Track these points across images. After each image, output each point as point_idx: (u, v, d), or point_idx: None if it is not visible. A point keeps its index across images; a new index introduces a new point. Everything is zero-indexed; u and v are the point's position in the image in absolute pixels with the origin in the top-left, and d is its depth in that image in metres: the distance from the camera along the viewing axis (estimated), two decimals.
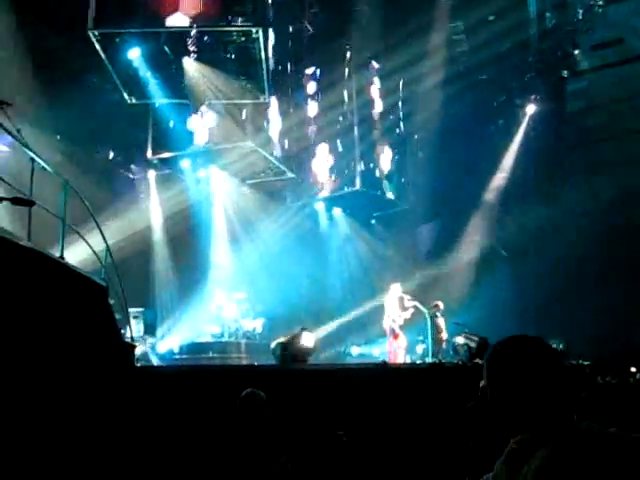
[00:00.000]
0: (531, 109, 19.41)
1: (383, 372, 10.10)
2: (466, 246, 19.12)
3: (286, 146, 18.92)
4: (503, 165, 19.60)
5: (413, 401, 8.72)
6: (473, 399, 7.07)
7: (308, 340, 10.67)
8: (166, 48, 15.09)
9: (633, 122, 17.57)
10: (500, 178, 19.60)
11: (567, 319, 15.48)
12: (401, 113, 20.54)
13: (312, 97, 19.34)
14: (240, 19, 14.25)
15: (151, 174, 18.41)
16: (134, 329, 12.50)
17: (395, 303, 13.64)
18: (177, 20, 14.14)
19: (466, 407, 7.36)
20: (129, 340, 10.63)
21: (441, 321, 14.03)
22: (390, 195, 19.74)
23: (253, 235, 18.90)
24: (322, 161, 19.42)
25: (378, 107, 19.70)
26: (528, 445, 1.84)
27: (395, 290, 13.84)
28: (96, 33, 13.95)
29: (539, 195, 18.55)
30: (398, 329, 13.50)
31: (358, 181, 18.59)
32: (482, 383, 7.96)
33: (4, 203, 6.54)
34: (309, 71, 19.37)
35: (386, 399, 8.70)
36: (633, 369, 10.70)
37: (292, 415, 7.68)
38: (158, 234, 18.14)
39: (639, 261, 15.80)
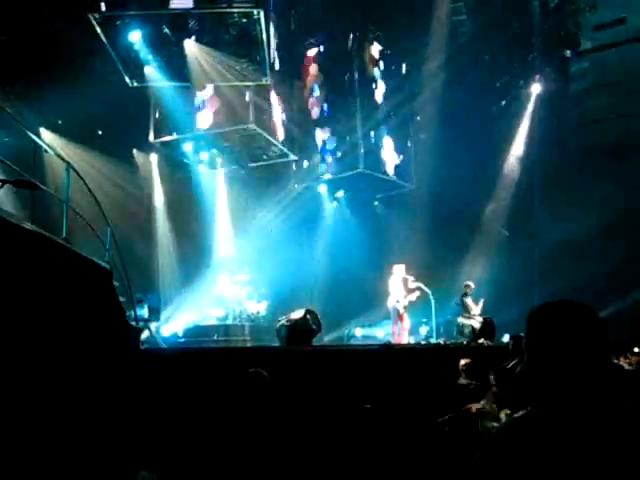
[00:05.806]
0: (536, 89, 19.26)
1: (387, 353, 10.13)
2: (469, 227, 19.08)
3: (289, 128, 18.86)
4: (514, 148, 19.54)
5: (417, 382, 8.74)
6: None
7: (312, 322, 10.70)
8: (167, 30, 15.00)
9: (635, 103, 17.47)
10: (511, 161, 19.56)
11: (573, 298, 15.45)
12: (404, 94, 20.43)
13: (314, 79, 19.23)
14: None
15: (153, 157, 18.34)
16: (138, 313, 12.49)
17: (399, 284, 13.66)
18: (179, 1, 14.11)
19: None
20: (134, 323, 10.65)
21: (470, 300, 14.13)
22: (393, 177, 19.70)
23: (256, 218, 18.89)
24: (325, 143, 19.36)
25: (381, 88, 19.62)
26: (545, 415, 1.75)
27: (399, 271, 13.85)
28: (97, 16, 13.90)
29: (541, 176, 18.51)
30: (403, 310, 13.53)
31: (361, 163, 18.54)
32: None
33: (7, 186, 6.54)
34: (311, 53, 19.24)
35: (391, 380, 8.72)
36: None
37: (296, 397, 7.70)
38: (161, 217, 18.11)
39: None
